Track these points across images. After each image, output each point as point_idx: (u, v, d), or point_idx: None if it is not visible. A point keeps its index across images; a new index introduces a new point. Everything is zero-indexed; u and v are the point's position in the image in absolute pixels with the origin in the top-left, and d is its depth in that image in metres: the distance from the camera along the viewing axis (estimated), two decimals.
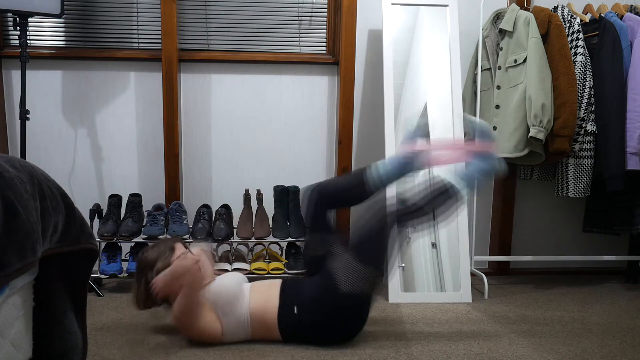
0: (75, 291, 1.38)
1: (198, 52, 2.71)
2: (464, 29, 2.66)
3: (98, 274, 2.33)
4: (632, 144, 2.36)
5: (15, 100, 2.61)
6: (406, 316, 2.11)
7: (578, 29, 2.44)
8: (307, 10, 2.76)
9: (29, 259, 1.09)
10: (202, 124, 2.74)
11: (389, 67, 2.48)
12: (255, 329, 1.73)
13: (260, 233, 2.41)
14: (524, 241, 2.92)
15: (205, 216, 2.47)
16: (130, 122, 2.70)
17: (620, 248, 2.89)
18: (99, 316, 2.03)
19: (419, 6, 2.55)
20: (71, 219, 1.30)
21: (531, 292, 2.53)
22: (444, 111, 2.47)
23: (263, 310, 1.72)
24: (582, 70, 2.41)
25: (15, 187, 1.08)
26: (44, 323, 1.30)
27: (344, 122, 2.65)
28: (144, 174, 2.72)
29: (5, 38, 2.63)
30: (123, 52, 2.67)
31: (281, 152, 2.79)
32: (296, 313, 1.71)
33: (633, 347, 1.79)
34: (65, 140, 2.67)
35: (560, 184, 2.50)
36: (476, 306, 2.28)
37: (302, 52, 2.78)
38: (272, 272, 2.38)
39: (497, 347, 1.77)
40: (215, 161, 2.76)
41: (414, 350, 1.73)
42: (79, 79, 2.66)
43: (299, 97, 2.77)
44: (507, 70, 2.48)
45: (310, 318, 1.71)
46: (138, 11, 2.69)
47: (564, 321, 2.08)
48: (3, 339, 1.12)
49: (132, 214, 2.41)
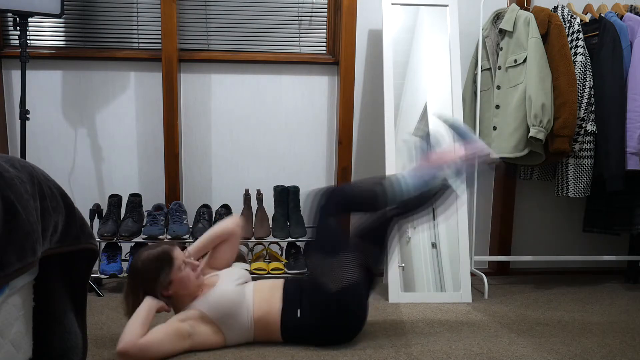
0: (75, 291, 1.38)
1: (198, 52, 2.71)
2: (464, 29, 2.66)
3: (98, 274, 2.33)
4: (632, 144, 2.36)
5: (15, 100, 2.61)
6: (406, 316, 2.11)
7: (578, 29, 2.44)
8: (307, 10, 2.76)
9: (29, 259, 1.09)
10: (202, 124, 2.74)
11: (389, 67, 2.48)
12: (258, 332, 1.73)
13: (260, 233, 2.41)
14: (524, 241, 2.92)
15: (205, 216, 2.47)
16: (130, 122, 2.70)
17: (620, 248, 2.89)
18: (99, 316, 2.03)
19: (419, 6, 2.55)
20: (71, 219, 1.30)
21: (531, 292, 2.53)
22: (444, 111, 2.47)
23: (267, 315, 1.71)
24: (582, 70, 2.41)
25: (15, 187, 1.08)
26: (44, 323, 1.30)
27: (344, 122, 2.65)
28: (144, 174, 2.72)
29: (5, 38, 2.63)
30: (123, 52, 2.67)
31: (281, 152, 2.79)
32: (299, 317, 1.72)
33: (633, 347, 1.79)
34: (65, 140, 2.67)
35: (560, 184, 2.50)
36: (476, 306, 2.28)
37: (302, 52, 2.78)
38: (272, 272, 2.38)
39: (497, 347, 1.77)
40: (215, 161, 2.76)
41: (414, 350, 1.73)
42: (79, 79, 2.66)
43: (299, 97, 2.77)
44: (507, 70, 2.48)
45: (313, 320, 1.71)
46: (138, 11, 2.69)
47: (564, 321, 2.08)
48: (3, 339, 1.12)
49: (132, 214, 2.41)
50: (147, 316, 1.59)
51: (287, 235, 2.43)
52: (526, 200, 2.89)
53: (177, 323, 1.63)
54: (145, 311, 1.59)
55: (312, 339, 1.74)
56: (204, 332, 1.66)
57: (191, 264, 1.73)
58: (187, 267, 1.71)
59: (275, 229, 2.45)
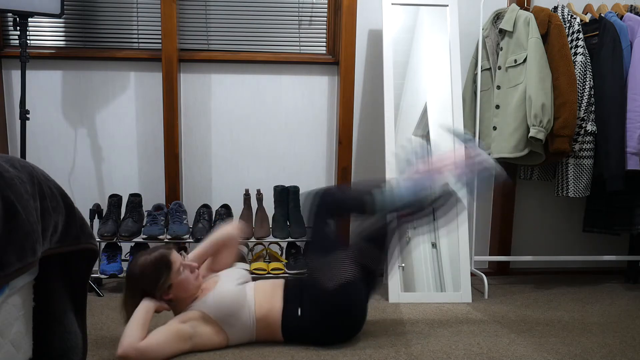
0: (75, 291, 1.38)
1: (198, 52, 2.71)
2: (464, 29, 2.66)
3: (98, 274, 2.33)
4: (632, 144, 2.36)
5: (15, 100, 2.61)
6: (406, 316, 2.11)
7: (578, 29, 2.44)
8: (307, 10, 2.76)
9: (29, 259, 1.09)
10: (202, 124, 2.74)
11: (389, 67, 2.48)
12: (260, 331, 1.73)
13: (260, 233, 2.41)
14: (524, 241, 2.92)
15: (205, 216, 2.47)
16: (130, 122, 2.70)
17: (620, 248, 2.89)
18: (99, 316, 2.03)
19: (419, 6, 2.55)
20: (71, 219, 1.30)
21: (531, 292, 2.53)
22: (444, 111, 2.47)
23: (268, 315, 1.72)
24: (582, 70, 2.41)
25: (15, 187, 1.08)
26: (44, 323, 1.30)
27: (344, 122, 2.65)
28: (144, 174, 2.72)
29: (5, 38, 2.63)
30: (123, 52, 2.67)
31: (281, 152, 2.79)
32: (300, 316, 1.72)
33: (633, 347, 1.79)
34: (65, 140, 2.67)
35: (560, 184, 2.50)
36: (476, 306, 2.28)
37: (302, 52, 2.78)
38: (272, 272, 2.38)
39: (497, 347, 1.77)
40: (215, 161, 2.76)
41: (414, 350, 1.73)
42: (79, 79, 2.66)
43: (299, 97, 2.77)
44: (507, 70, 2.48)
45: (313, 319, 1.71)
46: (138, 11, 2.69)
47: (564, 321, 2.08)
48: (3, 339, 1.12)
49: (132, 214, 2.41)
50: (146, 318, 1.58)
51: (287, 235, 2.43)
52: (526, 200, 2.89)
53: (178, 325, 1.63)
54: (144, 313, 1.59)
55: (312, 338, 1.74)
56: (206, 333, 1.65)
57: (189, 266, 1.73)
58: (186, 270, 1.70)
59: (275, 229, 2.45)
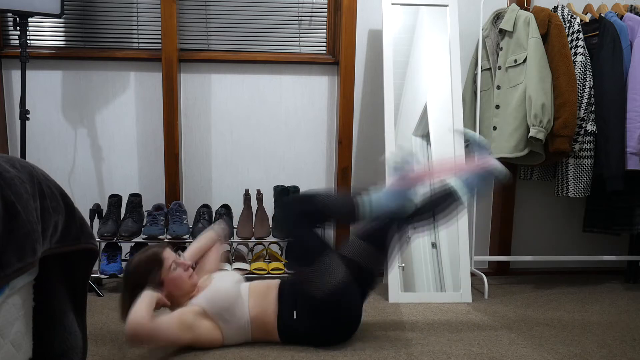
0: (75, 291, 1.38)
1: (198, 52, 2.71)
2: (464, 29, 2.66)
3: (98, 274, 2.33)
4: (632, 144, 2.36)
5: (15, 100, 2.61)
6: (406, 316, 2.11)
7: (578, 29, 2.44)
8: (307, 10, 2.76)
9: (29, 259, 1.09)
10: (202, 124, 2.74)
11: (389, 67, 2.48)
12: (255, 332, 1.73)
13: (260, 233, 2.41)
14: (524, 241, 2.92)
15: (205, 216, 2.47)
16: (130, 122, 2.70)
17: (620, 248, 2.89)
18: (99, 316, 2.03)
19: (419, 6, 2.55)
20: (71, 219, 1.30)
21: (531, 292, 2.53)
22: (444, 111, 2.47)
23: (263, 315, 1.72)
24: (582, 70, 2.41)
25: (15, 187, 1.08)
26: (44, 323, 1.30)
27: (344, 122, 2.65)
28: (144, 174, 2.72)
29: (5, 38, 2.63)
30: (123, 52, 2.67)
31: (281, 152, 2.79)
32: (295, 318, 1.72)
33: (633, 347, 1.79)
34: (65, 140, 2.67)
35: (560, 184, 2.50)
36: (476, 306, 2.28)
37: (302, 52, 2.78)
38: (272, 272, 2.38)
39: (497, 347, 1.77)
40: (215, 161, 2.76)
41: (414, 350, 1.73)
42: (79, 79, 2.66)
43: (299, 97, 2.77)
44: (507, 70, 2.48)
45: (308, 321, 1.71)
46: (138, 11, 2.69)
47: (564, 321, 2.08)
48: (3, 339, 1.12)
49: (132, 214, 2.41)
50: (150, 301, 1.60)
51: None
52: (526, 200, 2.89)
53: (181, 314, 1.65)
54: (148, 297, 1.61)
55: (309, 340, 1.74)
56: (205, 326, 1.67)
57: (182, 264, 1.74)
58: (179, 268, 1.72)
59: (275, 229, 2.45)
